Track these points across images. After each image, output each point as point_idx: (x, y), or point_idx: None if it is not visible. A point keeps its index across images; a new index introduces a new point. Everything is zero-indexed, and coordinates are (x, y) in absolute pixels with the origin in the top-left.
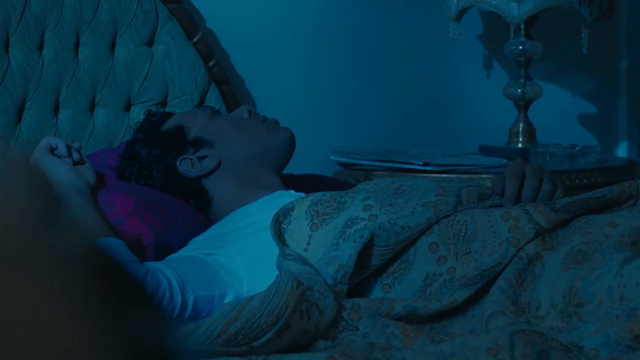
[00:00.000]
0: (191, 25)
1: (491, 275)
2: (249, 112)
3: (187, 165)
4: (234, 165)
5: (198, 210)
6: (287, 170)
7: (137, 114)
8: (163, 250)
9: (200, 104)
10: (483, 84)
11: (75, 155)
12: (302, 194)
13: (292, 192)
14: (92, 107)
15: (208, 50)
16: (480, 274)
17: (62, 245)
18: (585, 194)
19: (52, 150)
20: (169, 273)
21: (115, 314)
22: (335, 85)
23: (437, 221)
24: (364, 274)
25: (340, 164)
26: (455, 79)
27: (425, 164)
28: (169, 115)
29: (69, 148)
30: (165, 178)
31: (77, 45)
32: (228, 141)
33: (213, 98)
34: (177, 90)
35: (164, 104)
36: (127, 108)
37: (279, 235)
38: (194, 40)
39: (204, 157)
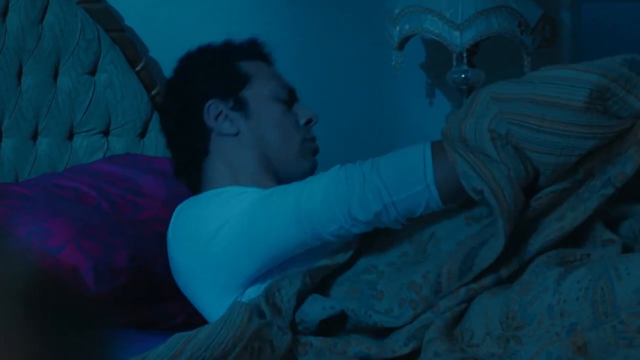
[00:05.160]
0: (134, 54)
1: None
2: (308, 121)
3: (213, 111)
4: (247, 148)
5: (197, 154)
6: None
7: (80, 143)
8: (102, 276)
9: (143, 132)
10: (426, 113)
11: None
12: None
13: None
14: (35, 136)
15: (151, 79)
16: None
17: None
18: None
19: None
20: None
21: (54, 345)
22: None
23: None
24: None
25: None
26: (398, 108)
27: None
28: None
29: None
30: (186, 104)
31: (19, 74)
32: (262, 130)
33: (156, 127)
34: (119, 118)
35: (106, 132)
36: (70, 137)
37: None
38: (137, 68)
39: (230, 118)
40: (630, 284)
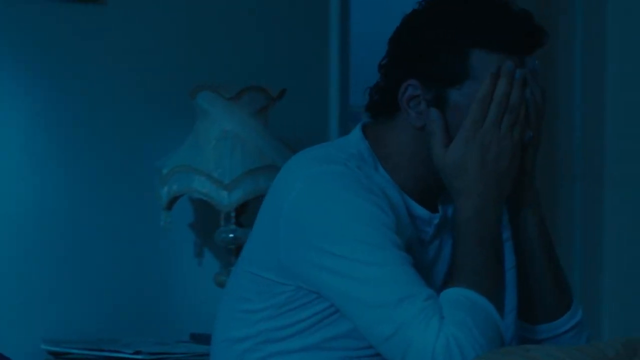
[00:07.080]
0: None
1: None
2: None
3: (409, 92)
4: (418, 150)
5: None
6: None
7: None
8: None
9: None
10: (194, 272)
11: None
12: None
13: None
14: None
15: None
16: None
17: None
18: None
19: None
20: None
21: None
22: (46, 273)
23: None
24: None
25: (50, 352)
26: (166, 268)
27: (136, 353)
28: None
29: None
30: (393, 64)
31: None
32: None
33: None
34: None
35: None
36: None
37: None
38: None
39: (422, 110)
40: None
